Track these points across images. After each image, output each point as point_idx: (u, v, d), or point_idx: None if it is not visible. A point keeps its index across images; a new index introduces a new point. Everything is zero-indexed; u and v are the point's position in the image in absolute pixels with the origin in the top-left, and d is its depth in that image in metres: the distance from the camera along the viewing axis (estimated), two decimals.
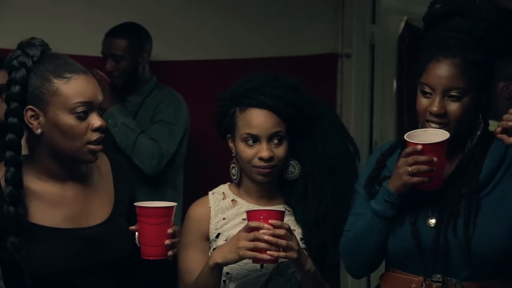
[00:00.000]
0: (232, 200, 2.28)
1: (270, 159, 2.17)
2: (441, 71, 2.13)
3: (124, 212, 2.14)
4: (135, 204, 2.05)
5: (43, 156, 2.04)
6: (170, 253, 2.03)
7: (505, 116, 2.06)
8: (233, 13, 4.24)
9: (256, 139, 2.18)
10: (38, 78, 2.00)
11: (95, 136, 2.01)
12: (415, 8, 4.89)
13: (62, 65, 2.01)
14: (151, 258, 2.03)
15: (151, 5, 3.97)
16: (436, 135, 2.10)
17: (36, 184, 2.04)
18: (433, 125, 2.13)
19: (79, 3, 3.76)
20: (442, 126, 2.12)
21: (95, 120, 2.01)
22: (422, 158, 2.06)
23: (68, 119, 1.99)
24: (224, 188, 2.32)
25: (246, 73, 2.29)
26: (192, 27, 4.09)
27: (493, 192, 2.14)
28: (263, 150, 2.17)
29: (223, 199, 2.28)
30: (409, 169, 2.07)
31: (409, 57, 4.92)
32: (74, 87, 1.99)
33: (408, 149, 2.08)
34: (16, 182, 1.99)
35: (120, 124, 3.49)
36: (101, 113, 2.07)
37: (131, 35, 3.63)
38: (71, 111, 1.98)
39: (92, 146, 2.02)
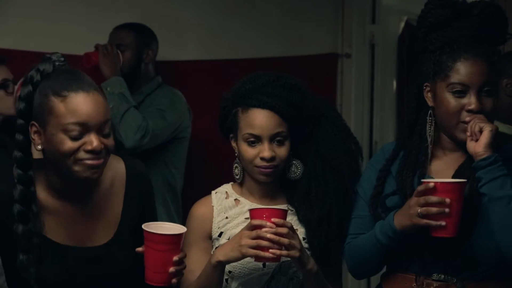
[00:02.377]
0: (235, 200, 2.28)
1: (272, 159, 2.17)
2: (474, 68, 2.13)
3: (130, 229, 2.09)
4: (143, 226, 1.97)
5: (49, 171, 2.01)
6: (174, 281, 1.99)
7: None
8: (233, 13, 4.23)
9: (258, 139, 2.18)
10: (40, 95, 1.95)
11: (84, 156, 1.93)
12: (415, 8, 4.84)
13: (64, 82, 1.94)
14: (154, 284, 2.00)
15: (151, 5, 3.97)
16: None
17: (46, 197, 2.01)
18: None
19: (79, 3, 3.76)
20: None
21: (90, 142, 1.93)
22: (434, 199, 2.01)
23: (61, 139, 1.92)
24: (227, 187, 2.32)
25: (247, 73, 2.29)
26: (192, 27, 4.09)
27: None
28: (265, 150, 2.17)
29: (226, 198, 2.28)
30: (419, 210, 2.02)
31: (409, 57, 4.92)
32: (69, 107, 1.91)
33: (421, 187, 2.03)
34: (24, 200, 1.94)
35: (118, 92, 3.48)
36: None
37: (139, 30, 3.66)
38: (65, 132, 1.92)
39: (86, 162, 1.93)
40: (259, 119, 2.17)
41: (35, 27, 3.62)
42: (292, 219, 2.22)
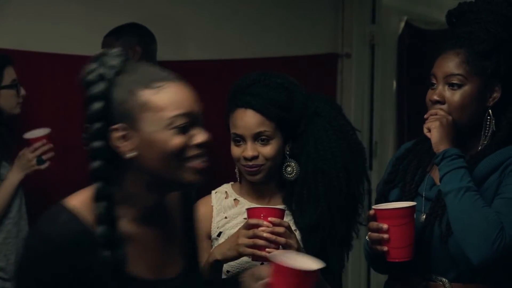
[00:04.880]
0: (235, 199, 2.29)
1: (254, 158, 2.18)
2: (444, 61, 2.18)
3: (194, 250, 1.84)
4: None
5: (133, 187, 1.65)
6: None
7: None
8: (233, 13, 4.24)
9: (242, 138, 2.19)
10: (122, 92, 1.63)
11: (194, 151, 1.64)
12: (415, 8, 4.90)
13: (150, 73, 1.67)
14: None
15: (150, 5, 3.97)
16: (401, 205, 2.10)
17: (124, 222, 1.65)
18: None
19: (79, 3, 3.76)
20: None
21: (198, 135, 1.64)
22: (373, 224, 2.08)
23: (167, 136, 1.61)
24: (227, 187, 2.32)
25: (246, 73, 2.29)
26: (192, 27, 4.09)
27: (482, 196, 2.14)
28: (247, 149, 2.18)
29: (225, 198, 2.29)
30: (367, 236, 2.13)
31: (409, 57, 4.93)
32: (169, 97, 1.63)
33: (368, 213, 2.12)
34: (110, 219, 1.60)
35: None
36: None
37: (122, 32, 3.60)
38: (171, 125, 1.61)
39: (192, 164, 1.64)
40: (242, 119, 2.18)
41: (35, 27, 3.62)
42: (290, 219, 2.21)
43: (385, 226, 2.04)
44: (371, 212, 2.07)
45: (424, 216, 2.17)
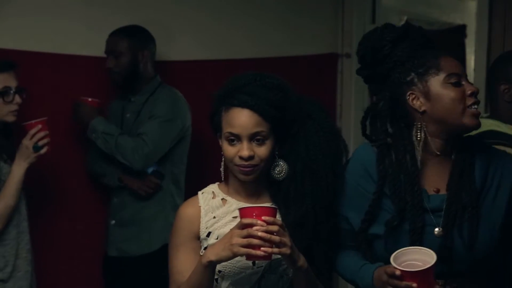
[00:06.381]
0: (222, 199, 2.28)
1: (250, 158, 2.17)
2: (456, 61, 2.23)
3: None
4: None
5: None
6: None
7: None
8: (233, 13, 4.25)
9: (237, 138, 2.18)
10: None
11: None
12: (415, 8, 4.90)
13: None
14: None
15: (150, 5, 3.98)
16: (425, 255, 2.04)
17: None
18: (476, 106, 2.17)
19: (80, 3, 3.78)
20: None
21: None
22: (401, 284, 2.02)
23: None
24: (213, 187, 2.32)
25: (236, 74, 2.29)
26: (192, 28, 4.10)
27: (485, 200, 2.18)
28: (243, 149, 2.17)
29: (212, 198, 2.28)
30: None
31: None
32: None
33: (390, 270, 2.05)
34: None
35: (100, 134, 3.58)
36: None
37: (132, 33, 3.67)
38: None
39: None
40: (239, 118, 2.17)
41: (35, 27, 3.64)
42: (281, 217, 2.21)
43: (414, 285, 2.00)
44: (397, 272, 2.02)
45: (440, 229, 2.17)
